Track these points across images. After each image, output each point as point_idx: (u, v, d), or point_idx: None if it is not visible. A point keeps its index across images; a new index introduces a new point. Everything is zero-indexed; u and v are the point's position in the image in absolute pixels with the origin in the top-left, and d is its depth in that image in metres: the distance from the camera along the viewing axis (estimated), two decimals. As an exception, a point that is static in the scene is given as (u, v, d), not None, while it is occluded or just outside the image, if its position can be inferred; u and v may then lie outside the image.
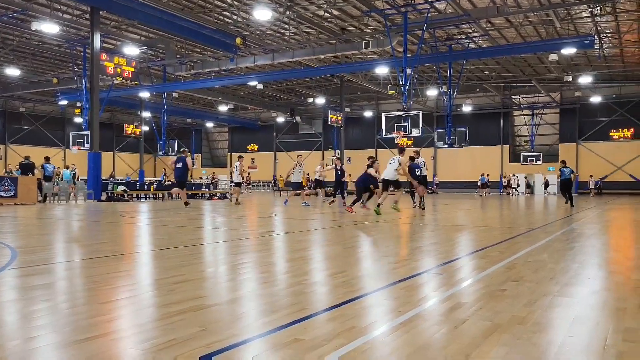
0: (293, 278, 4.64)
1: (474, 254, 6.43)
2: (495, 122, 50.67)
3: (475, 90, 48.84)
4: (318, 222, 11.86)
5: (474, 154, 47.75)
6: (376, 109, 54.72)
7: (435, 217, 14.25)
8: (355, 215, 13.90)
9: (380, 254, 6.34)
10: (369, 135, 55.85)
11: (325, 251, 6.64)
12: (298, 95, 51.31)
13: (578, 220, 12.78)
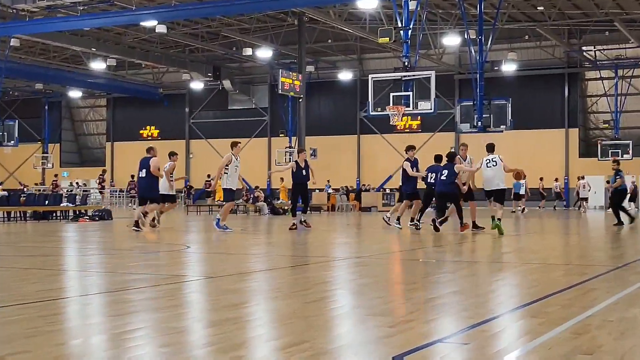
0: (218, 355, 4.63)
1: (521, 309, 6.55)
2: (556, 91, 51.76)
3: (523, 37, 49.79)
4: (263, 259, 11.86)
5: (522, 142, 48.56)
6: (359, 69, 55.16)
7: (456, 246, 14.52)
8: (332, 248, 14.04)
9: (366, 311, 6.39)
10: (347, 112, 56.22)
11: (274, 307, 6.68)
12: (227, 45, 51.28)
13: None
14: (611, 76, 49.61)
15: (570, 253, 13.67)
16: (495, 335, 5.38)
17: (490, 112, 30.18)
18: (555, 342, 4.99)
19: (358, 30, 41.41)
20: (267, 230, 22.21)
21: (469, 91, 40.17)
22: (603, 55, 50.39)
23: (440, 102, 41.41)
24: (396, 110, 25.12)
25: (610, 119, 50.29)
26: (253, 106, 59.81)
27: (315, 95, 54.80)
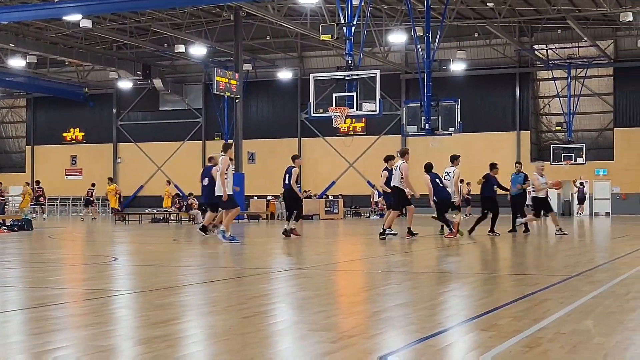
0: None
1: (471, 322, 6.61)
2: (507, 92, 52.57)
3: (473, 35, 50.46)
4: (196, 271, 11.78)
5: (472, 146, 49.16)
6: (300, 68, 55.25)
7: (406, 258, 14.61)
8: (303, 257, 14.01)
9: (307, 327, 6.39)
10: (288, 114, 56.27)
11: (208, 323, 6.64)
12: (158, 42, 50.89)
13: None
14: (564, 76, 50.53)
15: (522, 262, 13.87)
16: (443, 349, 5.42)
17: (438, 114, 30.40)
18: (505, 356, 5.05)
19: (298, 27, 41.49)
20: (201, 240, 22.06)
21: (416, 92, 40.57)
22: (555, 54, 51.35)
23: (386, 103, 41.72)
24: (339, 112, 25.16)
25: (563, 121, 51.18)
26: (186, 107, 59.44)
27: (253, 96, 54.73)
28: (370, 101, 25.69)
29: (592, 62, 50.10)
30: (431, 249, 16.74)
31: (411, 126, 31.26)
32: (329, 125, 28.12)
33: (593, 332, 5.97)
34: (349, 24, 25.36)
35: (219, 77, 36.89)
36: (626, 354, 5.12)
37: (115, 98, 60.30)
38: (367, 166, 53.08)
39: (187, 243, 20.82)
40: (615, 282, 9.59)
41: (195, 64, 54.89)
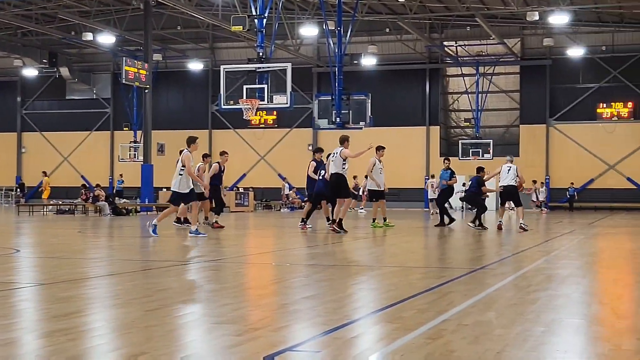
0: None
1: (378, 314, 6.71)
2: (417, 87, 53.24)
3: (384, 30, 50.91)
4: (102, 263, 11.63)
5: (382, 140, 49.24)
6: (211, 59, 54.87)
7: (314, 250, 14.68)
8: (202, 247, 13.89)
9: (213, 320, 6.38)
10: (198, 105, 55.84)
11: (112, 316, 6.58)
12: (65, 29, 49.77)
13: (548, 253, 13.84)
14: (472, 73, 51.44)
15: (429, 256, 14.09)
16: (349, 341, 5.47)
17: (349, 108, 30.55)
18: (409, 348, 5.12)
19: (210, 17, 41.10)
20: (108, 232, 21.74)
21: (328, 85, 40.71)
22: (464, 51, 52.24)
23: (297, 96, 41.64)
24: (250, 104, 25.06)
25: (471, 117, 52.13)
26: (94, 96, 58.41)
27: (163, 86, 54.11)
28: (282, 94, 25.66)
29: (499, 60, 51.11)
30: (342, 242, 16.85)
31: (322, 120, 31.32)
32: (239, 117, 27.98)
33: (494, 323, 6.11)
34: (260, 15, 25.28)
35: (128, 66, 36.29)
36: (525, 345, 5.24)
37: (20, 86, 58.83)
38: (278, 159, 53.12)
39: (93, 235, 20.49)
40: (518, 275, 9.83)
41: (103, 53, 53.91)
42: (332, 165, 19.18)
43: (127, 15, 45.83)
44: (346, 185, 19.45)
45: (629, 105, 49.76)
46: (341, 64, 31.58)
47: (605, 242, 18.24)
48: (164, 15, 47.38)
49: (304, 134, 52.34)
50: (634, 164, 49.36)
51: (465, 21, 47.90)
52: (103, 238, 19.15)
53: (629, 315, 6.86)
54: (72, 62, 55.25)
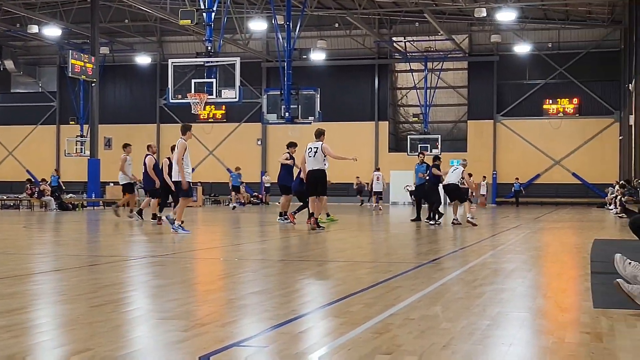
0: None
1: (325, 308, 6.74)
2: (366, 82, 53.47)
3: (333, 25, 50.99)
4: (47, 259, 11.49)
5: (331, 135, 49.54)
6: (159, 53, 54.47)
7: (263, 245, 14.67)
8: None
9: (159, 315, 6.34)
10: (146, 99, 55.43)
11: (56, 313, 6.50)
12: (9, 21, 48.97)
13: (494, 247, 14.00)
14: (421, 69, 51.82)
15: (377, 250, 14.16)
16: (297, 336, 5.47)
17: (298, 103, 30.59)
18: (355, 342, 5.14)
19: (158, 11, 40.80)
20: (54, 227, 21.47)
21: (277, 80, 40.73)
22: (413, 46, 52.56)
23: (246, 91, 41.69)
24: (198, 98, 24.99)
25: (419, 112, 52.53)
26: (40, 90, 57.66)
27: (111, 80, 53.62)
28: (230, 88, 25.64)
29: (447, 56, 51.55)
30: (289, 237, 16.86)
31: (271, 114, 31.31)
32: (188, 111, 27.89)
33: (441, 317, 6.16)
34: (209, 9, 25.20)
35: (75, 60, 35.88)
36: (471, 338, 5.30)
37: (-38, 79, 57.90)
38: (227, 154, 52.93)
39: (38, 230, 20.22)
40: (464, 269, 9.92)
41: (49, 46, 53.21)
42: (313, 160, 18.78)
43: (74, 8, 45.28)
44: (325, 182, 18.99)
45: (575, 102, 50.57)
46: (290, 59, 31.59)
47: (551, 236, 18.51)
48: (112, 8, 46.90)
49: (252, 128, 52.24)
50: (579, 159, 50.18)
51: (413, 17, 48.20)
52: (49, 233, 18.90)
53: (573, 308, 6.96)
54: (18, 55, 54.46)
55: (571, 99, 50.58)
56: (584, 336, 5.44)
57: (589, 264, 10.45)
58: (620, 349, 5.01)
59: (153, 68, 54.53)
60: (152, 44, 54.44)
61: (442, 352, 4.86)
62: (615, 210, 32.33)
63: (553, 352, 4.98)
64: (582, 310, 6.63)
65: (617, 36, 49.59)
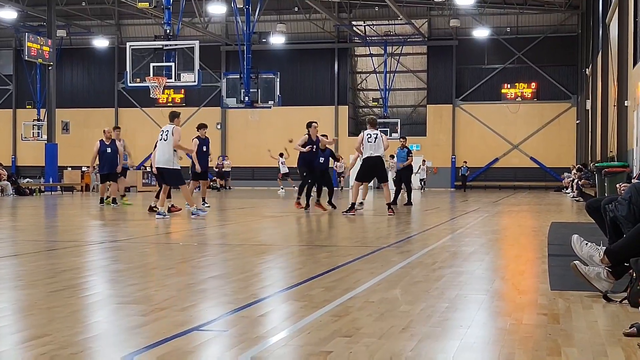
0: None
1: (285, 292, 6.77)
2: (326, 67, 53.46)
3: (293, 9, 50.87)
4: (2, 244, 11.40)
5: (291, 119, 49.78)
6: (117, 36, 53.95)
7: (222, 230, 14.66)
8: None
9: (118, 300, 6.32)
10: (104, 83, 54.93)
11: (13, 298, 6.47)
12: (-35, 2, 48.14)
13: (453, 231, 14.11)
14: (380, 53, 51.93)
15: (336, 234, 14.20)
16: (256, 320, 5.48)
17: (258, 87, 30.55)
18: (315, 325, 5.16)
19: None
20: (11, 212, 21.22)
21: (236, 64, 40.54)
22: (373, 31, 52.63)
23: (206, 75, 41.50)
24: (157, 82, 24.85)
25: (379, 97, 52.68)
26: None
27: (68, 63, 53.05)
28: (189, 72, 25.55)
29: (407, 40, 51.69)
30: (249, 221, 16.85)
31: (230, 98, 31.23)
32: (147, 95, 27.72)
33: (400, 300, 6.21)
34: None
35: (31, 42, 35.44)
36: (430, 321, 5.35)
37: None
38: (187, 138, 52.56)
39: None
40: (423, 252, 9.99)
41: (5, 28, 52.43)
42: (373, 146, 18.68)
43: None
44: (384, 169, 19.41)
45: (533, 86, 51.03)
46: (250, 43, 31.50)
47: (509, 219, 18.70)
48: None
49: (212, 112, 51.97)
50: (536, 143, 50.69)
51: (373, 1, 48.25)
52: (5, 218, 18.68)
53: (530, 290, 7.05)
54: (-28, 38, 53.63)
55: (529, 83, 51.03)
56: (541, 317, 5.51)
57: (546, 247, 10.57)
58: (576, 330, 5.09)
59: (111, 51, 54.02)
60: (110, 27, 53.90)
61: (401, 334, 4.90)
62: (572, 193, 32.75)
63: (510, 333, 5.05)
64: (539, 292, 6.71)
65: (574, 21, 50.08)
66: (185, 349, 4.55)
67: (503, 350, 4.53)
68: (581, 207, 21.91)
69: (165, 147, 16.51)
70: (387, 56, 51.36)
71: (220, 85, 39.50)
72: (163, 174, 16.83)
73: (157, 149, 16.90)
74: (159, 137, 16.76)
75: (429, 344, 4.67)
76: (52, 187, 37.96)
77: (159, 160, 16.66)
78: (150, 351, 4.43)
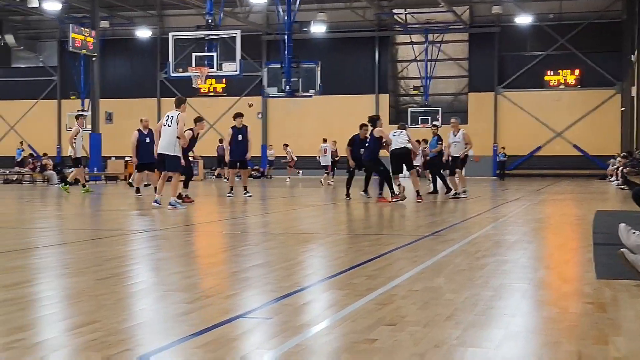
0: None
1: (327, 281, 6.77)
2: (367, 55, 53.26)
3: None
4: (50, 233, 11.53)
5: (331, 108, 49.81)
6: (159, 26, 54.26)
7: (264, 219, 14.72)
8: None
9: (164, 288, 6.37)
10: (146, 73, 55.28)
11: (61, 286, 6.55)
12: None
13: (496, 219, 14.03)
14: (421, 41, 51.62)
15: (378, 223, 14.19)
16: (300, 308, 5.51)
17: (299, 76, 30.59)
18: (359, 313, 5.17)
19: (158, -16, 40.64)
20: (56, 201, 21.50)
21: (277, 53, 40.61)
22: (413, 18, 52.34)
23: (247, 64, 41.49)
24: (199, 72, 24.98)
25: (420, 85, 52.40)
26: (40, 64, 57.48)
27: (111, 54, 53.43)
28: (231, 62, 25.63)
29: (448, 28, 51.30)
30: (292, 210, 16.90)
31: (272, 88, 31.33)
32: (188, 85, 27.84)
33: (444, 289, 6.20)
34: (209, -18, 25.13)
35: (75, 34, 35.78)
36: (474, 309, 5.33)
37: (-38, 54, 57.74)
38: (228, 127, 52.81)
39: (41, 204, 20.26)
40: (466, 241, 9.95)
41: (49, 20, 52.95)
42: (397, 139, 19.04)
43: (74, -18, 45.04)
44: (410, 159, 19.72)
45: (576, 73, 50.37)
46: (290, 32, 31.51)
47: (552, 208, 18.54)
48: (111, -18, 46.68)
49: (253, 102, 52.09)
50: (580, 131, 50.09)
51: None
52: (51, 207, 18.94)
53: (575, 279, 7.00)
54: (18, 30, 54.21)
55: (572, 70, 50.37)
56: (587, 306, 5.47)
57: (591, 236, 10.47)
58: (624, 319, 5.04)
59: (153, 42, 54.32)
60: (152, 17, 54.20)
61: (446, 322, 4.89)
62: (616, 182, 32.34)
63: (556, 322, 5.01)
64: (584, 281, 6.66)
65: (619, 7, 49.31)
66: (230, 336, 4.59)
67: (548, 339, 4.51)
68: (626, 195, 21.65)
69: (168, 133, 16.40)
70: (428, 44, 51.04)
71: (261, 74, 39.59)
72: (164, 160, 16.66)
73: (161, 135, 16.65)
74: (164, 122, 16.57)
75: (474, 332, 4.66)
76: (96, 176, 38.35)
77: (161, 145, 16.52)
78: (196, 338, 4.47)
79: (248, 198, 20.52)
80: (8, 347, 4.20)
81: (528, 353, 4.27)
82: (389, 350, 4.22)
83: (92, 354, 4.09)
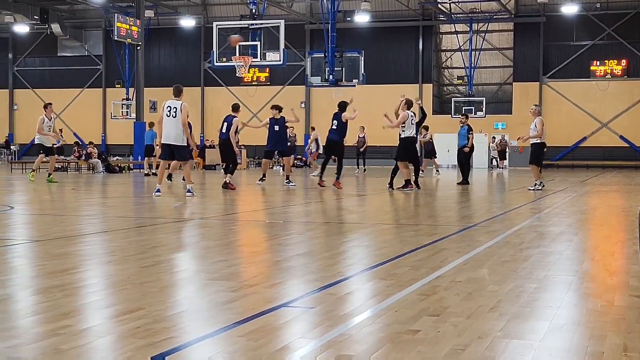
0: (45, 324, 4.51)
1: (370, 271, 6.76)
2: (410, 45, 53.05)
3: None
4: (96, 220, 11.66)
5: (375, 98, 49.64)
6: (203, 15, 54.53)
7: (307, 208, 14.74)
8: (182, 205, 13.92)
9: (207, 276, 6.41)
10: (190, 62, 55.64)
11: (107, 273, 6.62)
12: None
13: (540, 210, 13.90)
14: (466, 30, 51.26)
15: (421, 213, 14.14)
16: (343, 298, 5.51)
17: (342, 65, 30.55)
18: (402, 304, 5.16)
19: (202, -27, 40.82)
20: (101, 189, 21.74)
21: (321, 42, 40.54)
22: (458, 8, 51.97)
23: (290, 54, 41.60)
24: (242, 61, 25.05)
25: (464, 74, 52.06)
26: (86, 53, 58.17)
27: (155, 43, 53.88)
28: (274, 51, 25.66)
29: (493, 17, 50.89)
30: (334, 199, 16.90)
31: (315, 77, 31.34)
32: (232, 74, 27.96)
33: (488, 280, 6.16)
34: (253, -29, 25.17)
35: (120, 23, 36.04)
36: (519, 301, 5.30)
37: (11, 43, 58.52)
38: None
39: (86, 192, 20.49)
40: (510, 232, 9.88)
41: (95, 9, 53.52)
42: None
43: (119, -29, 45.44)
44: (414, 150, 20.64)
45: (623, 63, 49.72)
46: (334, 21, 31.48)
47: (597, 199, 18.33)
48: (156, -29, 47.01)
49: (296, 91, 52.18)
50: (626, 122, 49.44)
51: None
52: (96, 195, 19.16)
53: (621, 271, 6.91)
54: (64, 19, 54.85)
55: (619, 60, 49.75)
56: (634, 299, 5.41)
57: (637, 228, 10.32)
58: (670, 313, 4.97)
59: (197, 31, 54.66)
60: (196, 7, 54.50)
61: (490, 314, 4.87)
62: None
63: (601, 315, 4.96)
64: (631, 274, 6.58)
65: (667, -4, 48.62)
66: (274, 324, 4.61)
67: (594, 332, 4.46)
68: (673, 187, 21.32)
69: (174, 123, 16.34)
70: (473, 33, 50.70)
71: (304, 64, 39.61)
72: (173, 150, 16.64)
73: (164, 125, 16.57)
74: (165, 112, 16.46)
75: (518, 324, 4.63)
76: (141, 164, 38.68)
77: (169, 136, 16.38)
78: (240, 327, 4.49)
79: (291, 187, 20.63)
80: (55, 333, 4.26)
81: (573, 345, 4.23)
82: (431, 341, 4.21)
83: (137, 340, 4.13)
